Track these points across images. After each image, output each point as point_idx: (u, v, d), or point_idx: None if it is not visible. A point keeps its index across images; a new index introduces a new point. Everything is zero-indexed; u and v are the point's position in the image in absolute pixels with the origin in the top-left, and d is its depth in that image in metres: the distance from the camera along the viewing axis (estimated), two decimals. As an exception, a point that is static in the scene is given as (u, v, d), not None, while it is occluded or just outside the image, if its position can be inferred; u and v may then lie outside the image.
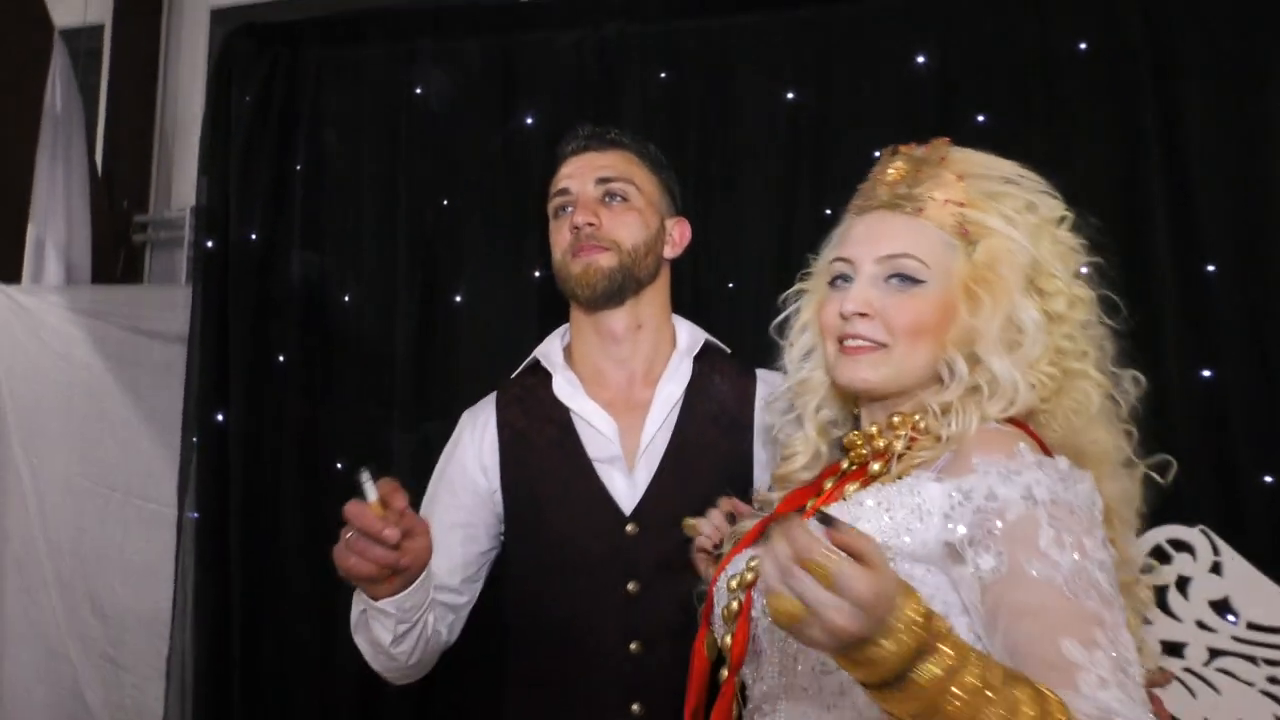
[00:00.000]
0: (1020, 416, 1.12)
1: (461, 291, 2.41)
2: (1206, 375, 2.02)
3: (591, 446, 1.61)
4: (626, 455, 1.60)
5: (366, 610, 1.43)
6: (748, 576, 1.19)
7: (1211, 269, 2.05)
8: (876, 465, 1.16)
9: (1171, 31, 2.11)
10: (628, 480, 1.59)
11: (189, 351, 2.56)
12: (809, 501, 1.22)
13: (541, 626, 1.60)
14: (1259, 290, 2.03)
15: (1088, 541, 1.00)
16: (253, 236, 2.51)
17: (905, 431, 1.15)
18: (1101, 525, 1.05)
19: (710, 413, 1.63)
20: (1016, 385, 1.09)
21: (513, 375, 1.76)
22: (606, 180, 1.67)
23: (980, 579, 1.02)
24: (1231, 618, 1.90)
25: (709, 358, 1.70)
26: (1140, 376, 1.16)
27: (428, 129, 2.46)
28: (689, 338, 1.70)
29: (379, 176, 2.49)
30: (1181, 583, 1.92)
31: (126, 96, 3.56)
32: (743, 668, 1.20)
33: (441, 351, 2.40)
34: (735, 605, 1.19)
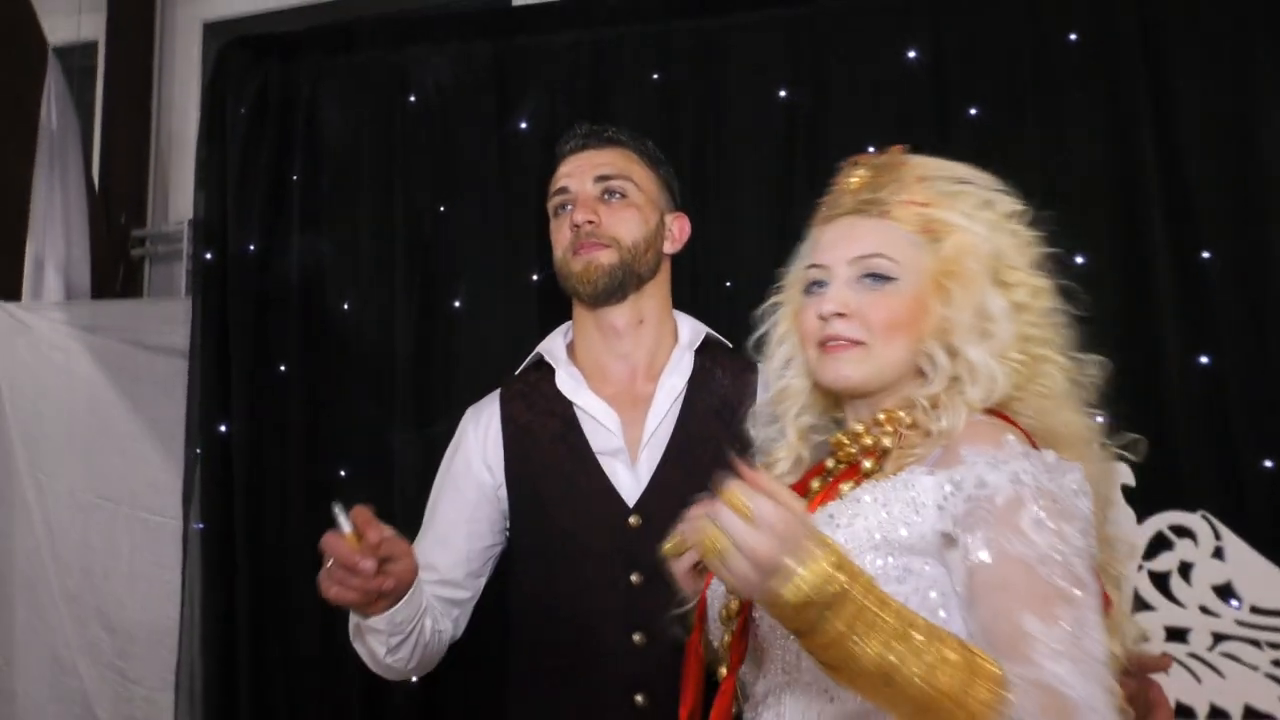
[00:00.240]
0: (996, 407, 1.15)
1: (461, 296, 2.41)
2: (1205, 362, 2.03)
3: (595, 440, 1.62)
4: (629, 448, 1.61)
5: (360, 624, 1.45)
6: None
7: (1207, 256, 2.06)
8: (869, 463, 1.18)
9: (1162, 20, 2.12)
10: (631, 473, 1.60)
11: (190, 363, 2.57)
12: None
13: (545, 619, 1.60)
14: (1256, 276, 2.04)
15: (1068, 527, 1.03)
16: (251, 247, 2.52)
17: (892, 428, 1.18)
18: (1090, 518, 1.07)
19: (712, 406, 1.64)
20: (994, 371, 1.13)
21: (516, 371, 1.77)
22: (605, 178, 1.68)
23: (968, 561, 1.05)
24: (1234, 602, 1.91)
25: (710, 352, 1.71)
26: (1103, 360, 1.19)
27: (423, 135, 2.47)
28: (690, 332, 1.72)
29: (375, 184, 2.49)
30: (1184, 568, 1.93)
31: (121, 112, 3.56)
32: (742, 667, 1.21)
33: (442, 356, 2.41)
34: (734, 605, 1.20)
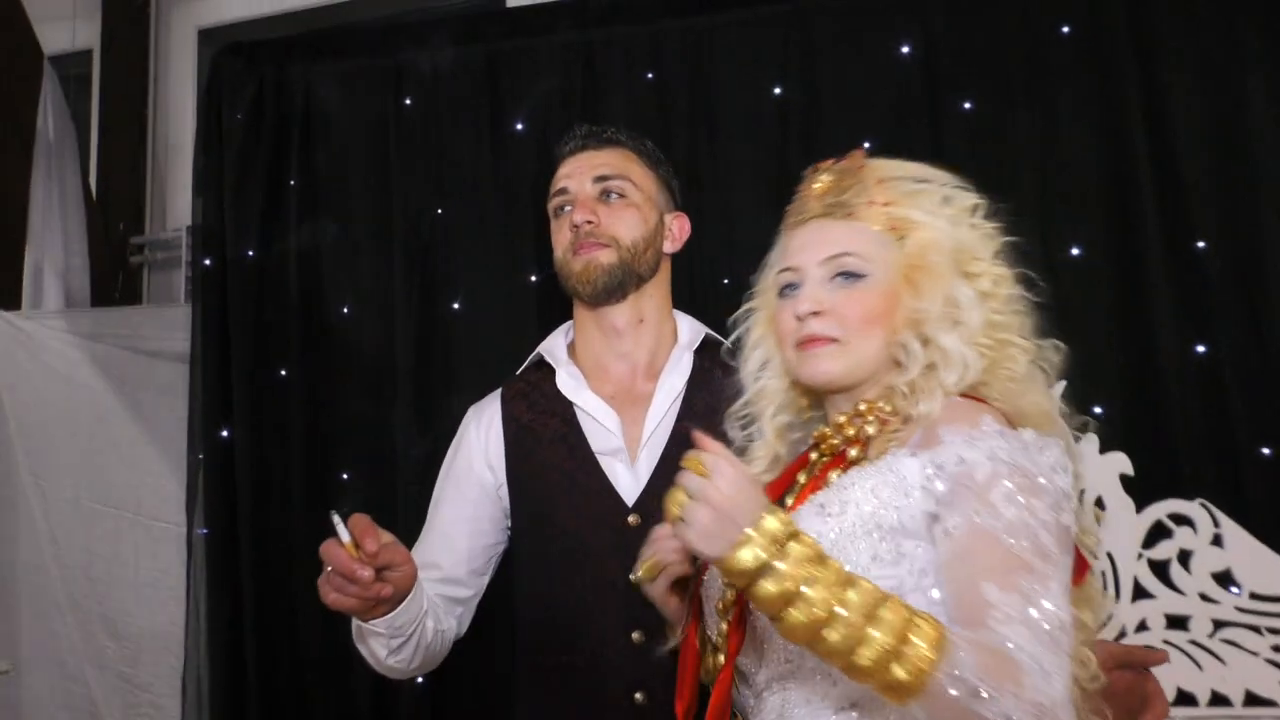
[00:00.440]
0: (969, 391, 1.19)
1: (459, 298, 2.42)
2: (1201, 350, 2.04)
3: (594, 439, 1.63)
4: (629, 447, 1.62)
5: (361, 628, 1.46)
6: None
7: (1201, 245, 2.07)
8: (854, 451, 1.21)
9: (1153, 11, 2.13)
10: (630, 472, 1.61)
11: (191, 369, 2.58)
12: (786, 496, 1.25)
13: (546, 617, 1.61)
14: (1249, 264, 2.05)
15: (1036, 502, 1.06)
16: (250, 253, 2.53)
17: (874, 416, 1.21)
18: (1067, 492, 1.10)
19: (711, 405, 1.64)
20: (966, 356, 1.17)
21: (518, 371, 1.77)
22: (604, 178, 1.69)
23: (947, 534, 1.08)
24: (1234, 589, 1.91)
25: (709, 351, 1.71)
26: (1059, 344, 1.23)
27: (419, 138, 2.48)
28: (690, 332, 1.72)
29: (372, 188, 2.51)
30: (1184, 556, 1.94)
31: (117, 119, 3.56)
32: (742, 657, 1.22)
33: (442, 358, 2.42)
34: (730, 596, 1.21)
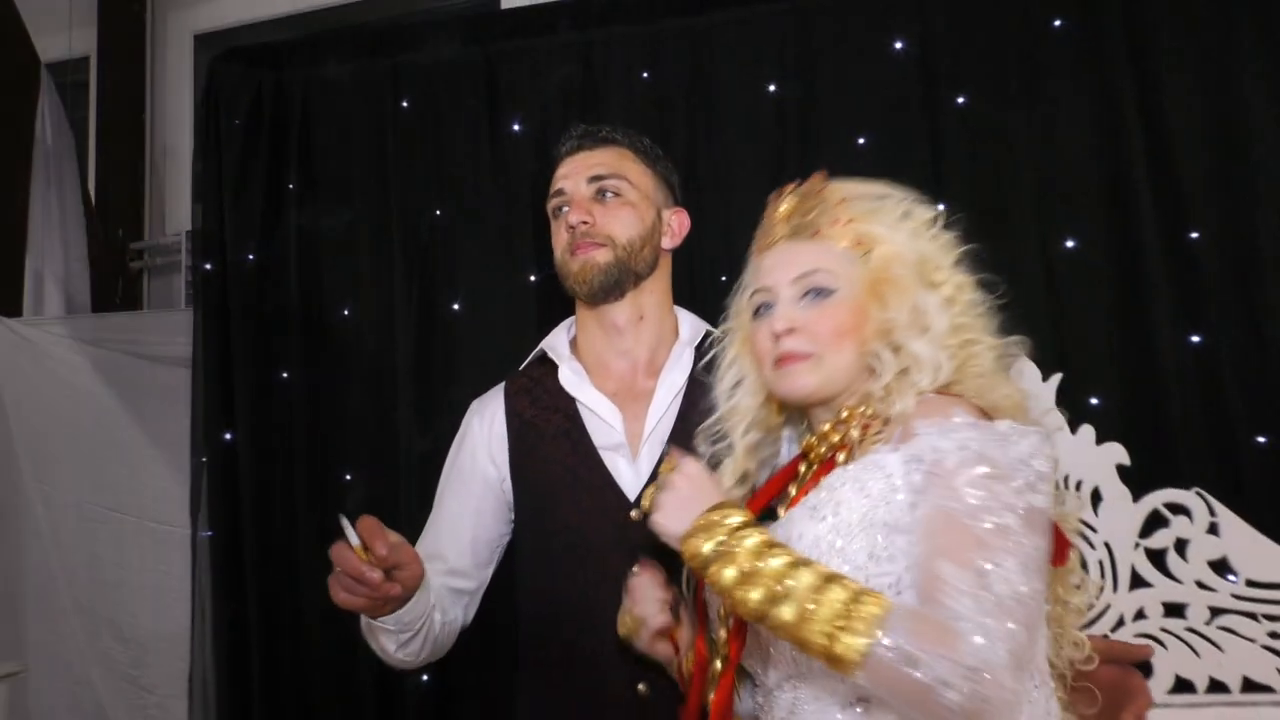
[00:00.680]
0: (942, 389, 1.22)
1: (459, 298, 2.43)
2: (1196, 340, 2.06)
3: (597, 435, 1.64)
4: (631, 443, 1.63)
5: (370, 624, 1.49)
6: None
7: (1195, 236, 2.08)
8: (842, 456, 1.24)
9: (1150, 9, 2.14)
10: (632, 467, 1.62)
11: (193, 373, 2.58)
12: (777, 506, 1.30)
13: (549, 611, 1.63)
14: (1244, 254, 2.06)
15: (1001, 487, 1.09)
16: (250, 257, 2.53)
17: (857, 420, 1.25)
18: (1045, 476, 1.12)
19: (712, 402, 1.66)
20: (938, 358, 1.22)
21: (520, 366, 1.79)
22: (599, 178, 1.69)
23: (917, 521, 1.11)
24: (1231, 576, 1.92)
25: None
26: (1024, 339, 1.28)
27: (417, 140, 2.48)
28: (691, 329, 1.73)
29: (371, 190, 2.51)
30: (1180, 545, 1.95)
31: (115, 125, 3.58)
32: (750, 659, 1.26)
33: (442, 359, 2.42)
34: (729, 602, 1.23)
